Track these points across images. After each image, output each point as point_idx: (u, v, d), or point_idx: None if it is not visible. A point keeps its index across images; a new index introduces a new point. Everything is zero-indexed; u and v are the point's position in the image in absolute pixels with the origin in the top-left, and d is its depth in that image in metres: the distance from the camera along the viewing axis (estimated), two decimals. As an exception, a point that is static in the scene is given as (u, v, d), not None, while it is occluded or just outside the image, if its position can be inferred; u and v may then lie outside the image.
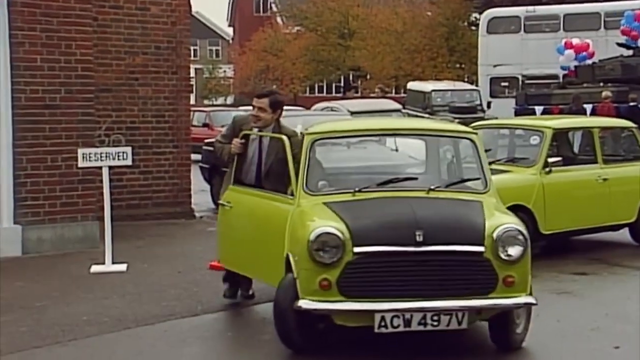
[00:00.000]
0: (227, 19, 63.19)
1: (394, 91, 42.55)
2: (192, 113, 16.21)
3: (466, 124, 13.64)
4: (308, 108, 20.38)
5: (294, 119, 13.62)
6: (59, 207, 9.33)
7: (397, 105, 17.52)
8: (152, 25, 11.74)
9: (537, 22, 27.16)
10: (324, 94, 47.23)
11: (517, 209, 8.84)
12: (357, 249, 5.24)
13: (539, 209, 8.97)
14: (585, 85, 21.10)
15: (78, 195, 9.41)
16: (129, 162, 8.64)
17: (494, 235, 5.33)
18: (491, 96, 26.16)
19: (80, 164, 8.54)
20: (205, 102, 49.64)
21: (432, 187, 5.89)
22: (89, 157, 8.46)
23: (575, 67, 22.41)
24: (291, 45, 47.75)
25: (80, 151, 8.56)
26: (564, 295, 7.56)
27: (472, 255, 5.30)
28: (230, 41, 62.02)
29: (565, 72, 23.10)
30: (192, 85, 13.56)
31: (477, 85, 28.14)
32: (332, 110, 16.55)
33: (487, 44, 27.83)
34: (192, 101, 17.79)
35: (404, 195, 5.78)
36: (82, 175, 9.34)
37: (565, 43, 23.00)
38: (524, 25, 27.23)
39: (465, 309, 5.28)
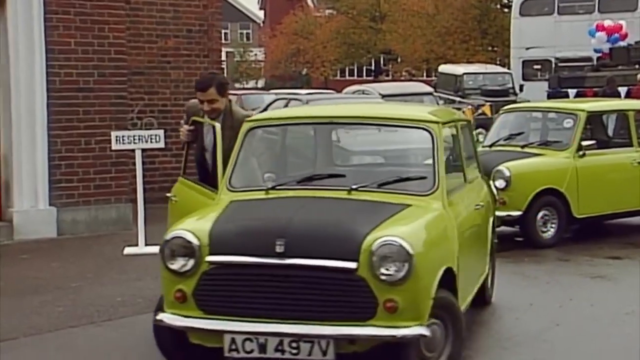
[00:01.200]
0: (258, 2, 63.15)
1: (425, 74, 42.32)
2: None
3: (498, 108, 13.68)
4: (339, 91, 20.34)
5: (325, 103, 13.65)
6: (93, 189, 9.43)
7: (429, 89, 17.44)
8: (184, 9, 11.77)
9: (571, 4, 26.80)
10: (355, 77, 47.10)
11: (550, 193, 8.83)
12: (211, 258, 4.45)
13: (572, 193, 8.90)
14: (620, 67, 20.82)
15: (111, 178, 9.50)
16: (161, 144, 8.69)
17: (372, 248, 4.32)
18: (524, 79, 25.90)
19: (114, 146, 8.61)
20: (237, 85, 49.72)
21: (356, 186, 4.96)
22: (122, 139, 8.52)
23: (610, 49, 22.11)
24: (322, 28, 47.63)
25: (113, 134, 8.62)
26: (598, 280, 7.51)
27: (342, 272, 4.31)
28: (261, 24, 62.00)
29: (599, 54, 22.81)
30: (223, 68, 13.59)
31: (509, 68, 27.87)
32: (363, 93, 16.51)
33: (519, 26, 27.54)
34: (224, 84, 17.84)
35: (319, 195, 4.93)
36: (115, 158, 9.42)
37: (597, 25, 22.69)
38: (558, 7, 26.89)
39: (331, 337, 4.30)
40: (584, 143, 9.11)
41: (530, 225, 8.76)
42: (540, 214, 8.79)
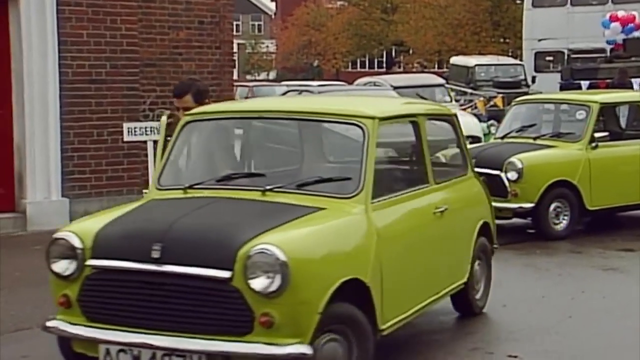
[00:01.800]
0: (270, -6, 63.11)
1: (436, 66, 42.23)
2: (234, 88, 16.27)
3: (510, 99, 13.64)
4: (350, 83, 20.31)
5: (336, 94, 13.64)
6: (105, 180, 9.47)
7: (441, 80, 17.40)
8: (195, 0, 11.77)
9: (584, -5, 26.66)
10: (366, 69, 47.06)
11: (562, 185, 8.80)
12: (92, 262, 4.21)
13: (584, 185, 8.87)
14: (633, 59, 20.71)
15: (123, 169, 9.54)
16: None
17: (245, 257, 3.98)
18: (536, 71, 25.80)
19: (126, 138, 8.64)
20: (248, 77, 49.74)
21: (270, 187, 4.63)
22: (134, 131, 8.54)
23: (623, 40, 21.99)
24: (334, 20, 47.59)
25: (125, 125, 8.65)
26: (610, 272, 7.49)
27: (216, 282, 4.00)
28: (273, 16, 61.97)
29: (612, 45, 22.67)
30: (235, 60, 13.59)
31: (521, 60, 27.77)
32: (374, 85, 16.49)
33: (532, 18, 27.41)
34: (235, 76, 17.87)
35: (231, 196, 4.64)
36: (127, 150, 9.45)
37: (611, 16, 22.55)
38: (571, -2, 26.75)
39: (203, 352, 4.00)
40: (597, 135, 9.08)
41: (543, 217, 8.74)
42: (553, 206, 8.77)
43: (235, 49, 16.40)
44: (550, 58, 26.76)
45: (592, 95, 10.54)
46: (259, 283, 3.93)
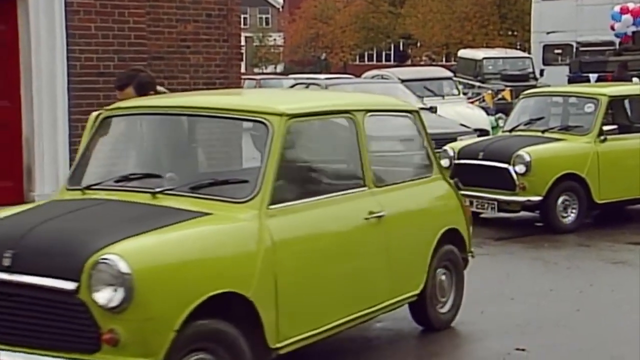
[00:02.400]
0: (277, -13, 63.03)
1: (444, 59, 42.14)
2: (242, 81, 16.28)
3: (518, 92, 13.61)
4: (358, 76, 20.29)
5: (344, 87, 13.63)
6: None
7: (449, 73, 17.35)
8: (203, -7, 11.77)
9: (593, -13, 26.54)
10: (374, 62, 46.99)
11: (570, 178, 8.78)
12: None
13: (593, 178, 8.85)
14: (642, 52, 20.62)
15: (131, 162, 9.55)
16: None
17: (90, 267, 3.67)
18: (544, 64, 25.72)
19: (134, 131, 8.64)
20: (256, 70, 49.73)
21: (160, 189, 4.32)
22: (142, 124, 8.54)
23: (633, 32, 21.88)
24: (341, 13, 47.52)
25: (133, 118, 8.64)
26: (619, 265, 7.48)
27: (62, 293, 3.70)
28: (280, 9, 61.87)
29: (620, 38, 22.55)
30: (242, 53, 13.59)
31: (529, 53, 27.69)
32: (382, 78, 16.46)
33: (540, 10, 27.31)
34: (242, 69, 17.87)
35: (122, 198, 4.36)
36: (135, 142, 9.46)
37: (622, 8, 22.43)
38: (579, -10, 26.64)
39: None
40: (605, 128, 9.06)
41: (551, 211, 8.72)
42: (561, 199, 8.75)
43: (242, 42, 16.42)
44: (559, 51, 26.66)
45: (601, 88, 10.50)
46: (102, 296, 3.63)
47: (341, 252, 4.66)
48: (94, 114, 5.36)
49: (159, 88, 5.96)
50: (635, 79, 16.39)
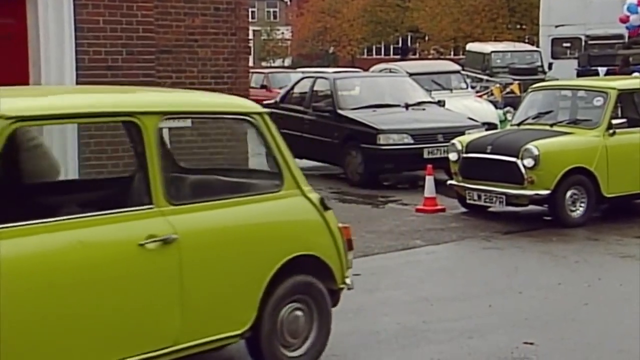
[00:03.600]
0: (285, -19, 62.94)
1: (452, 53, 42.03)
2: (250, 75, 16.27)
3: (527, 86, 13.58)
4: (366, 70, 20.27)
5: (352, 81, 13.63)
6: (122, 167, 9.48)
7: (457, 67, 17.31)
8: (211, -14, 11.76)
9: (602, -20, 26.41)
10: (382, 56, 46.90)
11: (579, 172, 8.76)
12: None
13: (601, 172, 8.83)
14: (651, 45, 20.55)
15: (139, 156, 9.56)
16: (188, 123, 8.72)
17: None
18: (553, 57, 25.63)
19: (142, 124, 8.64)
20: (263, 64, 49.69)
21: None
22: (150, 118, 8.54)
23: (641, 26, 21.78)
24: (349, 7, 47.41)
25: (141, 112, 8.65)
26: (627, 259, 7.46)
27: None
28: (288, 3, 61.80)
29: (632, 30, 22.40)
30: (250, 47, 13.58)
31: (538, 47, 27.60)
32: (390, 71, 16.44)
33: (549, 4, 27.22)
34: (250, 63, 17.89)
35: None
36: (143, 136, 9.46)
37: (639, 1, 22.27)
38: (588, -16, 26.53)
39: None
40: (614, 121, 9.03)
41: (559, 205, 8.70)
42: (569, 193, 8.73)
43: (250, 36, 16.40)
44: (567, 44, 26.57)
45: (610, 81, 10.46)
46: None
47: (89, 285, 3.79)
48: None
49: None
50: (636, 74, 16.33)
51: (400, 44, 49.65)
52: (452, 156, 9.41)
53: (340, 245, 4.77)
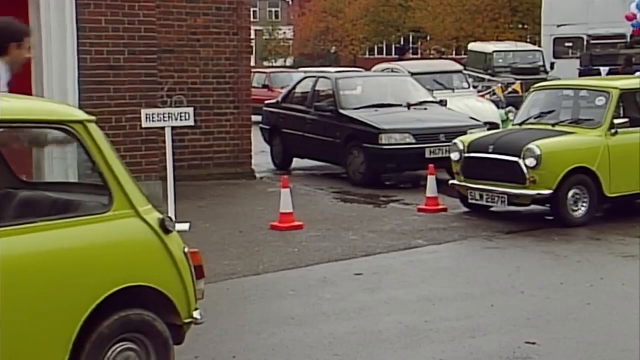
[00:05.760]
0: (287, -20, 62.92)
1: (454, 52, 42.02)
2: (252, 74, 16.27)
3: (529, 86, 13.56)
4: (368, 69, 20.26)
5: (353, 80, 13.63)
6: None
7: (459, 67, 17.29)
8: (213, -14, 11.77)
9: (604, -20, 26.39)
10: (384, 56, 46.88)
11: (581, 172, 8.75)
12: None
13: (604, 172, 8.82)
14: (654, 45, 20.50)
15: (142, 156, 9.56)
16: (191, 122, 8.73)
17: None
18: (555, 57, 25.60)
19: (144, 124, 8.66)
20: (265, 63, 49.70)
21: None
22: (152, 117, 8.56)
23: (645, 25, 21.73)
24: (352, 7, 47.41)
25: (143, 112, 8.66)
26: (630, 259, 7.45)
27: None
28: (290, 2, 61.80)
29: (637, 28, 22.33)
30: (252, 47, 13.59)
31: (540, 46, 27.58)
32: (392, 71, 16.42)
33: (551, 3, 27.19)
34: (252, 63, 17.89)
35: None
36: (145, 136, 9.47)
37: None
38: (590, -17, 26.50)
39: None
40: (617, 121, 9.02)
41: (561, 204, 8.69)
42: (571, 193, 8.72)
43: (252, 36, 16.41)
44: (570, 44, 26.54)
45: (612, 81, 10.45)
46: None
47: None
48: None
49: None
50: (638, 73, 16.32)
51: (402, 44, 49.65)
52: (454, 156, 9.40)
53: (185, 273, 4.13)
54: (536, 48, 27.17)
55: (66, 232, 3.80)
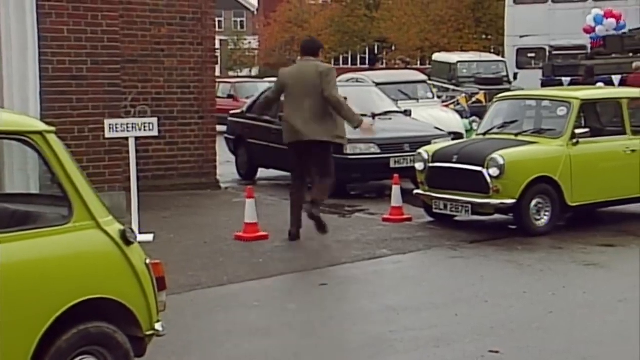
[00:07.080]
0: (252, -10, 62.93)
1: (419, 63, 42.28)
2: (216, 84, 16.23)
3: (492, 96, 13.68)
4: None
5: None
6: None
7: (423, 77, 17.39)
8: (177, -4, 11.72)
9: (565, -8, 26.76)
10: (349, 66, 47.04)
11: (543, 181, 8.84)
12: None
13: (565, 181, 8.91)
14: (614, 56, 20.83)
15: (105, 166, 9.47)
16: (155, 133, 8.67)
17: None
18: (518, 67, 25.89)
19: (107, 134, 8.58)
20: (230, 73, 49.62)
21: None
22: (116, 127, 8.49)
23: (604, 37, 22.08)
24: (316, 17, 47.55)
25: (107, 122, 8.59)
26: (591, 267, 7.53)
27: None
28: (255, 12, 61.82)
29: (596, 40, 22.68)
30: (217, 57, 13.54)
31: (503, 57, 27.88)
32: (357, 81, 16.47)
33: (513, 15, 27.51)
34: (217, 73, 17.79)
35: None
36: (108, 146, 9.39)
37: (605, 12, 22.56)
38: (552, -5, 26.86)
39: None
40: (578, 131, 9.12)
41: (524, 213, 8.76)
42: (534, 202, 8.79)
43: (217, 46, 16.37)
44: (532, 55, 26.87)
45: (574, 91, 10.59)
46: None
47: None
48: None
49: None
50: (599, 84, 16.55)
51: (367, 54, 49.86)
52: (419, 166, 9.45)
53: (146, 285, 4.11)
54: (499, 58, 27.45)
55: (24, 244, 3.75)
